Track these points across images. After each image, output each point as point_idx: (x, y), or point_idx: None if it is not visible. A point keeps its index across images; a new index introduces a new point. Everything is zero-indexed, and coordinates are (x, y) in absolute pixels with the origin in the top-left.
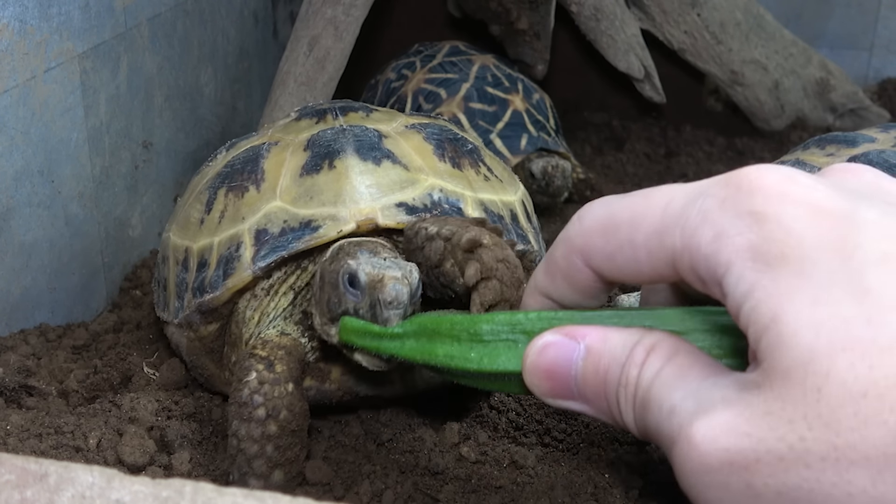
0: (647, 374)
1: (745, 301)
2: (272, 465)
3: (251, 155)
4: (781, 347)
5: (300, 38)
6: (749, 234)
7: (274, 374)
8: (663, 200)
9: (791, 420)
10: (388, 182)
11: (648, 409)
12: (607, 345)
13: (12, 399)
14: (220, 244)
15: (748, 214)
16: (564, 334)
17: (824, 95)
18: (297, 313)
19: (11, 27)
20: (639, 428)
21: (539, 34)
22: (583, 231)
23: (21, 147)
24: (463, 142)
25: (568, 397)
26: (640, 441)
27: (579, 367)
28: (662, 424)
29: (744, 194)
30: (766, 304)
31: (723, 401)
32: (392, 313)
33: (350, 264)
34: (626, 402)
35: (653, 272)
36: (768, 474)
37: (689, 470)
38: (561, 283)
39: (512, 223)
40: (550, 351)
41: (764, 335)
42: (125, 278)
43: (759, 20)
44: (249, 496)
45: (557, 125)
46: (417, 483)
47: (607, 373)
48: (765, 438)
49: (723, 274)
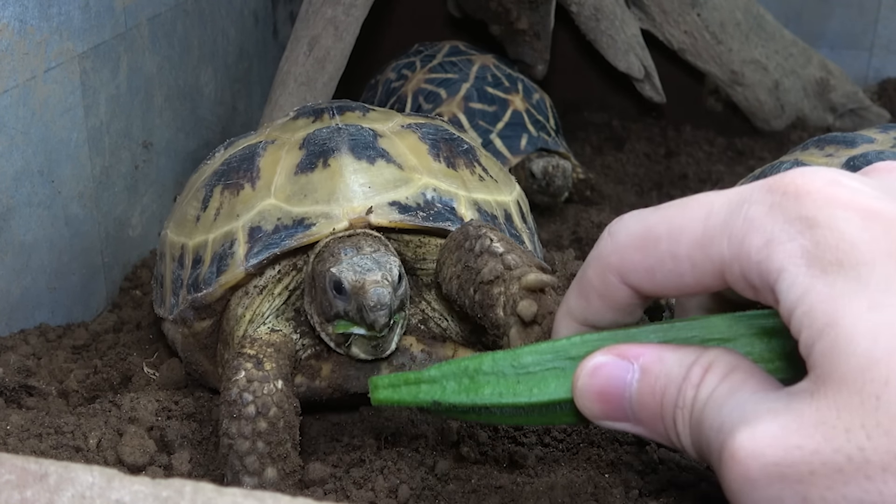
0: (703, 394)
1: (799, 305)
2: (264, 461)
3: (247, 153)
4: (837, 353)
5: (300, 38)
6: (801, 239)
7: (263, 371)
8: (703, 211)
9: (848, 429)
10: (382, 181)
11: (702, 429)
12: (663, 365)
13: (12, 399)
14: (214, 241)
15: (798, 220)
16: (616, 354)
17: (824, 95)
18: (290, 311)
19: (11, 27)
20: (696, 451)
21: (539, 34)
22: (617, 248)
23: (21, 147)
24: (458, 142)
25: (621, 419)
26: (640, 441)
27: (634, 389)
28: (712, 442)
29: (791, 199)
30: (821, 309)
31: (769, 412)
32: (378, 315)
33: (333, 272)
34: (683, 424)
35: (697, 283)
36: (826, 487)
37: (736, 487)
38: (596, 303)
39: (506, 223)
40: (602, 372)
41: (818, 340)
42: (125, 278)
43: (759, 20)
44: (249, 496)
45: (557, 125)
46: (426, 479)
47: (664, 394)
48: (819, 450)
49: (775, 280)
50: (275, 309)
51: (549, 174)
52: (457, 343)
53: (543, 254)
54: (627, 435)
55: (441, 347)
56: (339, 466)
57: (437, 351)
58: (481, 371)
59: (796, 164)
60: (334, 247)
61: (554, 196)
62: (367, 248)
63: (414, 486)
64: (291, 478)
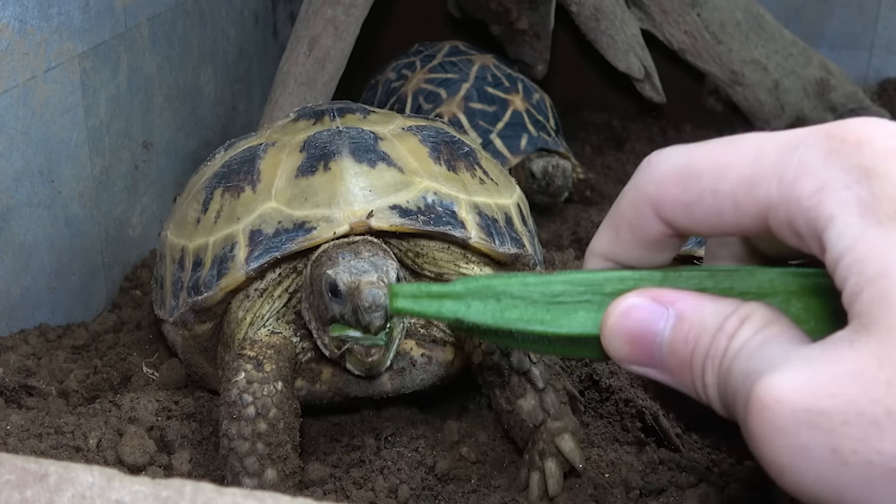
0: (736, 344)
1: (848, 254)
2: (264, 462)
3: (248, 155)
4: (886, 304)
5: (300, 38)
6: (857, 188)
7: (263, 373)
8: (752, 150)
9: (889, 382)
10: (383, 184)
11: (729, 378)
12: (699, 314)
13: (12, 399)
14: (215, 244)
15: (856, 168)
16: (652, 298)
17: (824, 95)
18: (291, 314)
19: (11, 27)
20: (721, 403)
21: (539, 34)
22: (655, 179)
23: (21, 147)
24: (459, 144)
25: (648, 364)
26: (640, 441)
27: (666, 334)
28: (738, 391)
29: (850, 147)
30: (872, 258)
31: (801, 358)
32: (374, 316)
33: (329, 274)
34: (711, 374)
35: (736, 224)
36: (859, 439)
37: (760, 434)
38: (626, 236)
39: (506, 226)
40: (636, 314)
41: (866, 289)
42: (125, 278)
43: (759, 20)
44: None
45: (557, 125)
46: (425, 479)
47: (696, 343)
48: (856, 400)
49: (824, 227)
50: (275, 311)
51: (549, 174)
52: (457, 347)
53: (543, 254)
54: (627, 435)
55: (441, 351)
56: (339, 466)
57: (437, 355)
58: (509, 294)
59: None
60: (332, 251)
61: (554, 196)
62: (366, 252)
63: (414, 486)
64: (291, 479)
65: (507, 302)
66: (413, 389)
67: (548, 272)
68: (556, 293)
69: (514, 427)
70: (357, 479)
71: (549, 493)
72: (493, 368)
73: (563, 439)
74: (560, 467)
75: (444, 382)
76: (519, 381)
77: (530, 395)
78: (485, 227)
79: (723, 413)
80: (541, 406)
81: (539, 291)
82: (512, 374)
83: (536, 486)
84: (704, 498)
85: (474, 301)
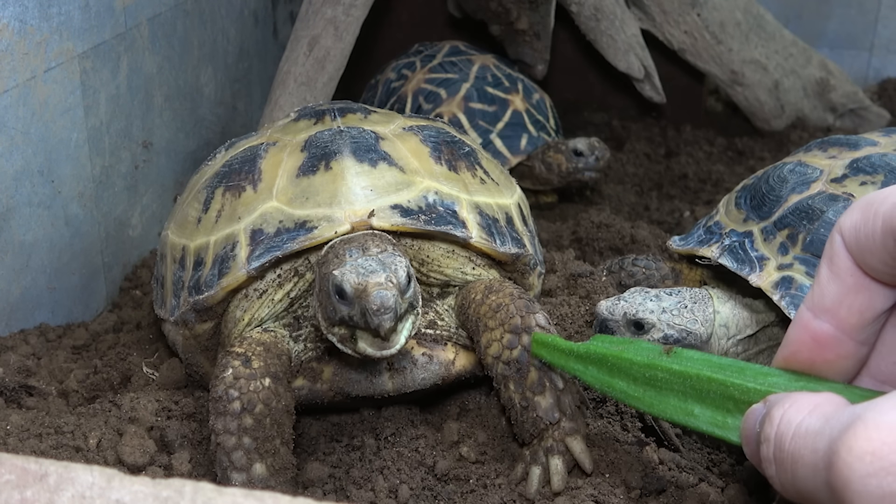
0: (801, 429)
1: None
2: (251, 457)
3: (249, 155)
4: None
5: (300, 38)
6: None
7: (250, 369)
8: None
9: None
10: (384, 184)
11: (798, 464)
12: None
13: (12, 399)
14: (216, 243)
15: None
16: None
17: (824, 95)
18: (289, 318)
19: (11, 27)
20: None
21: (539, 34)
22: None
23: (21, 147)
24: (460, 144)
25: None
26: (639, 441)
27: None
28: (818, 461)
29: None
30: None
31: (871, 409)
32: (383, 318)
33: (335, 275)
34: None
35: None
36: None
37: (854, 490)
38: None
39: (507, 226)
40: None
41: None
42: (125, 278)
43: (759, 20)
44: (249, 496)
45: (557, 125)
46: (425, 479)
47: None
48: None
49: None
50: (275, 315)
51: (596, 146)
52: (459, 346)
53: (543, 254)
54: (627, 435)
55: (442, 350)
56: (339, 466)
57: (437, 354)
58: (619, 369)
59: (799, 165)
60: (339, 248)
61: (601, 170)
62: (374, 248)
63: (414, 486)
64: (282, 474)
65: (615, 375)
66: (414, 389)
67: (663, 355)
68: (656, 380)
69: (524, 422)
70: (357, 479)
71: (552, 487)
72: (510, 363)
73: (576, 440)
74: (566, 466)
75: (445, 383)
76: (539, 377)
77: (549, 393)
78: (486, 227)
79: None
80: (557, 405)
81: (643, 375)
82: (532, 370)
83: (536, 480)
84: (704, 498)
85: (591, 367)
